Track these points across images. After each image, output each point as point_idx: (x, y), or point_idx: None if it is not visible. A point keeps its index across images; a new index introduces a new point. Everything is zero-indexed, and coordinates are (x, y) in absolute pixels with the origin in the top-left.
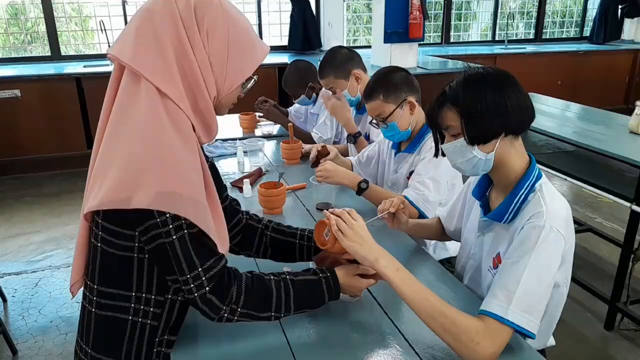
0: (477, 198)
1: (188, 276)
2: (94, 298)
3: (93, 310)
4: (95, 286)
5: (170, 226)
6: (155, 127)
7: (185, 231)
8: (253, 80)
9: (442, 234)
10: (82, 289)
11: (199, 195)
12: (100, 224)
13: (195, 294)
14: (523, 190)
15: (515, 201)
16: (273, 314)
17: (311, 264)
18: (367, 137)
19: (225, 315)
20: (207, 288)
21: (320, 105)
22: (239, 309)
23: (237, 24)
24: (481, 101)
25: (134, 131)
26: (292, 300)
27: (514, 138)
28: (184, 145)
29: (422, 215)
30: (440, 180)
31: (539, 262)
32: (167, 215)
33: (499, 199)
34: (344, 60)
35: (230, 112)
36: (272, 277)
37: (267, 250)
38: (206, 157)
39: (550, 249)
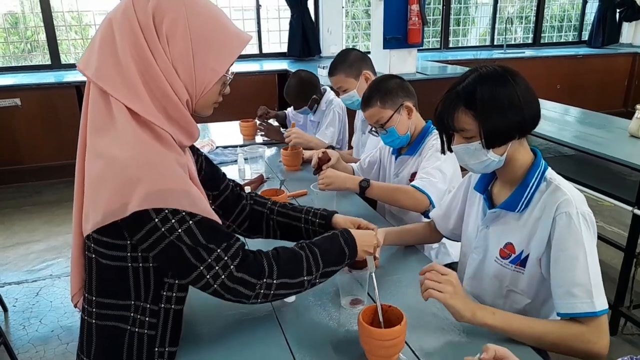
0: (480, 192)
1: (209, 260)
2: (93, 310)
3: (93, 321)
4: (94, 298)
5: (173, 221)
6: (133, 138)
7: (190, 222)
8: (228, 77)
9: (430, 236)
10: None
11: (189, 185)
12: (91, 236)
13: (223, 276)
14: (534, 179)
15: (527, 191)
16: (305, 278)
17: None
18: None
19: (262, 291)
20: (233, 266)
21: (322, 113)
22: (274, 281)
23: (202, 22)
24: (498, 101)
25: (114, 145)
26: (320, 256)
27: (523, 137)
28: (163, 144)
29: (430, 202)
30: (445, 172)
31: (591, 247)
32: (166, 212)
33: (504, 191)
34: (356, 60)
35: (231, 119)
36: (293, 247)
37: (276, 233)
38: (196, 150)
39: (591, 231)
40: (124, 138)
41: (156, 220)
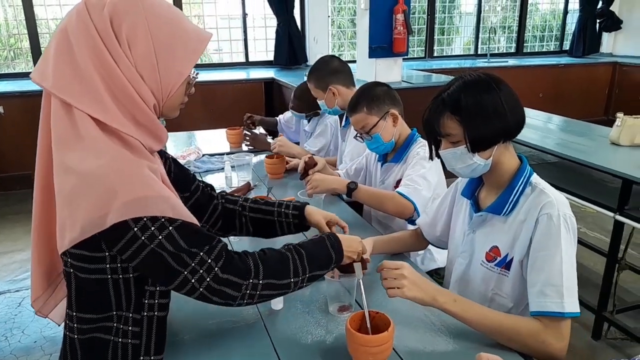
0: (467, 197)
1: (193, 264)
2: (75, 325)
3: (75, 336)
4: (74, 313)
5: (152, 228)
6: (103, 149)
7: (170, 227)
8: (193, 77)
9: (417, 244)
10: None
11: (165, 190)
12: (68, 251)
13: (208, 279)
14: (520, 183)
15: (513, 194)
16: (292, 279)
17: None
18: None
19: (248, 291)
20: (217, 268)
21: (316, 123)
22: (260, 282)
23: (162, 24)
24: (482, 107)
25: (83, 158)
26: (306, 259)
27: (509, 142)
28: (134, 152)
29: (415, 209)
30: (430, 180)
31: (568, 250)
32: (145, 220)
33: (490, 196)
34: (328, 72)
35: (218, 127)
36: (280, 248)
37: (249, 229)
38: (163, 153)
39: (571, 234)
40: (93, 150)
41: (135, 229)
